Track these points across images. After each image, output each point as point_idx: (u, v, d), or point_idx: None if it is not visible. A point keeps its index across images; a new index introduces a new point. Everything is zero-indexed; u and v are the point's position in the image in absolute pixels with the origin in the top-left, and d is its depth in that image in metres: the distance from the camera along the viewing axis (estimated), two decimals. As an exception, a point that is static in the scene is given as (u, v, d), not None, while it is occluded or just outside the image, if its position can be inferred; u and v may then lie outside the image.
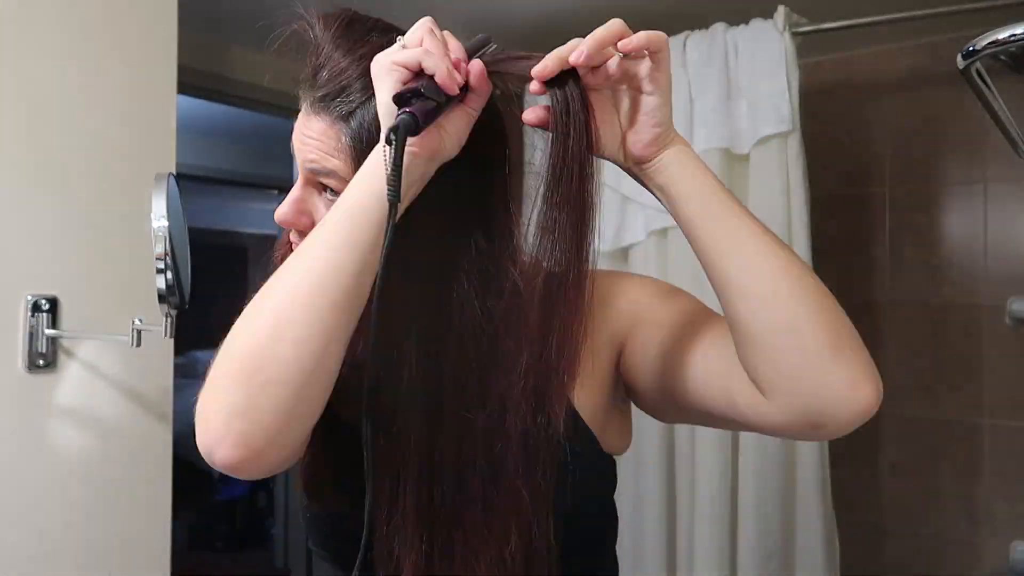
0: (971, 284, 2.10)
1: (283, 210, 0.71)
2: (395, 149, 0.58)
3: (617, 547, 0.84)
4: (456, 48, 0.64)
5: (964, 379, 2.10)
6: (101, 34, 1.38)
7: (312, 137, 0.69)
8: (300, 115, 0.72)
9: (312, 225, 0.70)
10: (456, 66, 0.62)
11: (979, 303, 2.08)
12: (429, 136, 0.62)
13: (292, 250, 0.69)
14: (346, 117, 0.68)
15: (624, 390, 0.80)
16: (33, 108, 1.30)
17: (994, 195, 2.08)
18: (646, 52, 0.64)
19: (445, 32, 0.65)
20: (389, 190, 0.59)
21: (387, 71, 0.62)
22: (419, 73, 0.61)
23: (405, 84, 0.61)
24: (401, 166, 0.58)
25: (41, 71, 1.31)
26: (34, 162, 1.30)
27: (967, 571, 2.07)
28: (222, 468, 0.61)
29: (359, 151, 0.67)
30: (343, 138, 0.68)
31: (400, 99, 0.60)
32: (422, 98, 0.60)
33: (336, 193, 0.69)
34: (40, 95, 1.30)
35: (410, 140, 0.60)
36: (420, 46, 0.62)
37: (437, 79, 0.60)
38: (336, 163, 0.68)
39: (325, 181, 0.70)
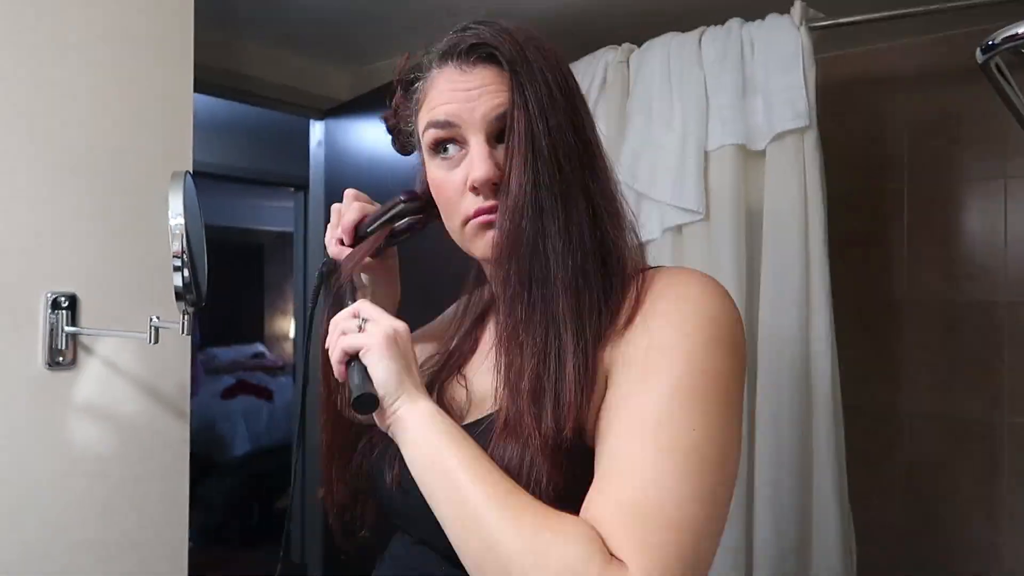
0: (990, 281, 2.07)
1: (484, 169, 0.73)
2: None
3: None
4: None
5: (983, 377, 2.07)
6: (118, 33, 1.39)
7: (485, 85, 0.74)
8: (447, 78, 0.76)
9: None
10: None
11: (998, 300, 2.06)
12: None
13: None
14: (509, 61, 0.73)
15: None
16: (51, 107, 1.31)
17: (1014, 191, 2.05)
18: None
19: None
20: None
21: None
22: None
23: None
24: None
25: (59, 70, 1.32)
26: (52, 160, 1.31)
27: (986, 571, 2.05)
28: None
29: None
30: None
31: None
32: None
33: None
34: (58, 94, 1.32)
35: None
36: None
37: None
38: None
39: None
